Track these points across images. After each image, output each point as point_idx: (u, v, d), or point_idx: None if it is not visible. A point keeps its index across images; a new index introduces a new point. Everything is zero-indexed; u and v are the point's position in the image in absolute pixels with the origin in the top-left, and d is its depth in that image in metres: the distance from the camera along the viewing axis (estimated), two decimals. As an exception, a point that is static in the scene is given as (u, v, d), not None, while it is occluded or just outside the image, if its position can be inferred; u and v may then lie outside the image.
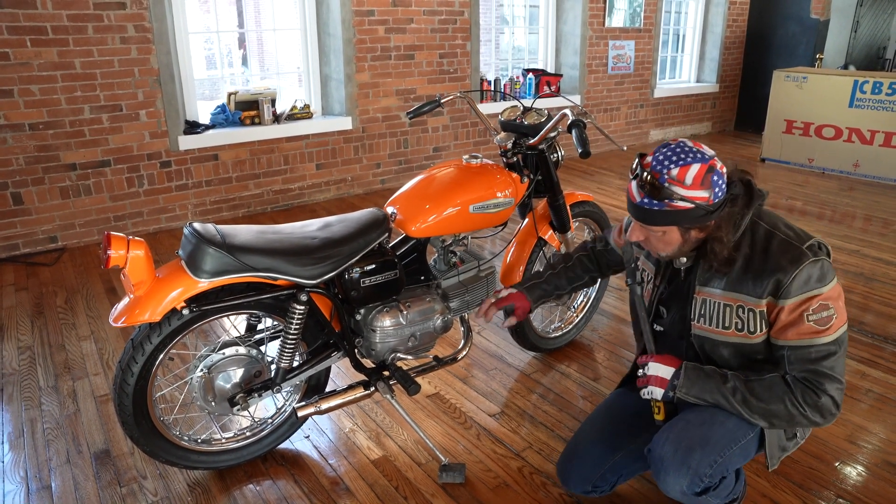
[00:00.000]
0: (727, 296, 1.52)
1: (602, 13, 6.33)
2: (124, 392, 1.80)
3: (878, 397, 2.47)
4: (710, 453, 1.51)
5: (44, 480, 2.03)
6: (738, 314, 1.51)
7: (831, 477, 2.04)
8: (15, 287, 3.47)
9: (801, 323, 1.44)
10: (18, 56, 3.62)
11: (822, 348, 1.44)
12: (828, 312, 1.44)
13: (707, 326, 1.56)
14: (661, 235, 1.50)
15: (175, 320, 1.78)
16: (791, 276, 1.43)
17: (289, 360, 1.95)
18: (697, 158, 1.41)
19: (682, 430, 1.54)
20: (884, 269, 3.74)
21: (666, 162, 1.42)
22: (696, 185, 1.40)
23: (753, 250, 1.49)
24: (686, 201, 1.41)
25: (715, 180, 1.41)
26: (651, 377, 1.59)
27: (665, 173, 1.41)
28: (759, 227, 1.51)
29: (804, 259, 1.43)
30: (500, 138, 2.33)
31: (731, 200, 1.46)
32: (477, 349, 2.82)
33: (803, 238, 1.48)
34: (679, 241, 1.50)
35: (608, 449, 1.74)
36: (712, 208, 1.43)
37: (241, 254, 1.74)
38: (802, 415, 1.45)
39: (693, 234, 1.48)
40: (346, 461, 2.12)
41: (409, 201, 2.11)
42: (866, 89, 5.72)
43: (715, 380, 1.53)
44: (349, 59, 4.83)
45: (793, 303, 1.44)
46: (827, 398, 1.45)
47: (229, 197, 4.59)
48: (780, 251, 1.46)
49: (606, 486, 1.78)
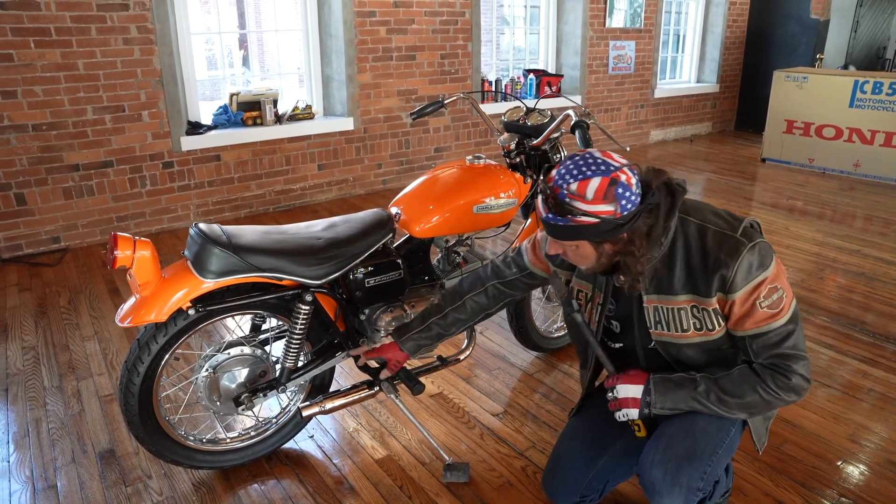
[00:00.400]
0: (678, 299, 1.49)
1: (602, 14, 6.34)
2: (130, 392, 1.81)
3: (880, 397, 2.48)
4: (699, 465, 1.50)
5: (49, 480, 2.04)
6: (693, 314, 1.49)
7: (834, 476, 2.04)
8: (18, 287, 3.48)
9: (755, 312, 1.43)
10: (22, 57, 3.63)
11: (781, 330, 1.44)
12: (777, 294, 1.43)
13: (666, 332, 1.53)
14: (575, 249, 1.46)
15: (181, 320, 1.79)
16: (733, 269, 1.41)
17: (294, 360, 1.96)
18: (599, 171, 1.35)
19: (667, 449, 1.52)
20: (885, 268, 3.75)
21: (567, 177, 1.37)
22: (599, 199, 1.34)
23: (690, 249, 1.46)
24: (589, 216, 1.35)
25: (620, 193, 1.35)
26: (622, 400, 1.56)
27: (565, 188, 1.36)
28: (689, 224, 1.48)
29: (741, 248, 1.42)
30: (503, 139, 2.34)
31: (651, 210, 1.41)
32: (480, 349, 2.83)
33: (734, 225, 1.45)
34: (594, 254, 1.45)
35: (589, 456, 1.72)
36: (621, 221, 1.37)
37: (247, 254, 1.75)
38: (778, 398, 1.46)
39: (606, 247, 1.43)
40: (351, 461, 2.13)
41: (412, 202, 2.12)
42: (867, 89, 5.73)
43: (686, 387, 1.51)
44: (351, 60, 4.84)
45: (742, 294, 1.43)
46: (797, 377, 1.45)
47: (231, 197, 4.60)
48: (716, 245, 1.44)
49: (595, 494, 1.75)
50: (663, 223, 1.43)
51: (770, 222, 4.60)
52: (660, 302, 1.52)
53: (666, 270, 1.49)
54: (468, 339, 2.35)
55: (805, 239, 4.25)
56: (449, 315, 1.86)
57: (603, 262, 1.47)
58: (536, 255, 1.77)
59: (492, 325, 3.05)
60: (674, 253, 1.47)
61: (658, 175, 1.44)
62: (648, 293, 1.52)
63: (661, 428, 1.59)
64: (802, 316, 3.14)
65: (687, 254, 1.47)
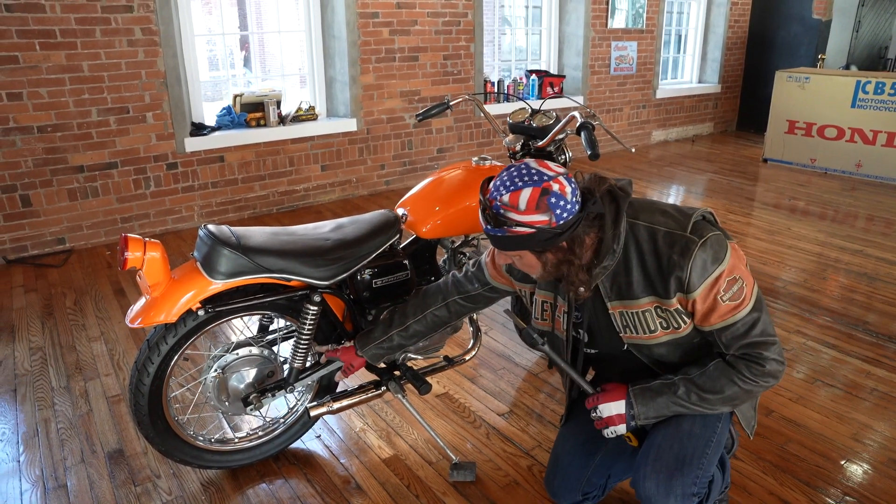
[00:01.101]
0: (640, 302, 1.49)
1: (604, 14, 6.35)
2: (140, 392, 1.82)
3: (883, 396, 2.49)
4: (690, 471, 1.50)
5: (59, 480, 2.06)
6: (658, 314, 1.49)
7: (838, 475, 2.06)
8: (24, 288, 3.49)
9: (717, 306, 1.43)
10: (27, 59, 3.65)
11: (747, 319, 1.44)
12: (737, 285, 1.43)
13: (635, 335, 1.54)
14: (519, 259, 1.46)
15: (190, 321, 1.81)
16: (687, 270, 1.41)
17: (302, 361, 1.97)
18: (532, 182, 1.34)
19: (656, 460, 1.52)
20: (887, 268, 3.76)
21: (501, 188, 1.37)
22: (531, 209, 1.34)
23: (642, 253, 1.46)
24: (524, 226, 1.35)
25: (553, 202, 1.34)
26: (607, 419, 1.56)
27: (498, 199, 1.36)
28: (638, 227, 1.47)
29: (692, 246, 1.41)
30: (508, 140, 2.35)
31: (594, 218, 1.41)
32: (484, 349, 2.84)
33: (683, 222, 1.44)
34: (537, 263, 1.45)
35: (586, 455, 1.74)
36: (558, 230, 1.36)
37: (256, 255, 1.76)
38: (757, 386, 1.46)
39: (549, 256, 1.43)
40: (358, 460, 2.14)
41: (419, 203, 2.13)
42: (869, 89, 5.74)
43: (666, 394, 1.51)
44: (354, 61, 4.85)
45: (702, 291, 1.42)
46: (771, 363, 1.45)
47: (235, 198, 4.62)
48: (667, 246, 1.43)
49: (597, 490, 1.78)
50: (612, 231, 1.43)
51: (772, 222, 4.61)
52: (623, 307, 1.52)
53: (624, 276, 1.48)
54: (474, 340, 2.36)
55: (807, 239, 4.26)
56: (410, 328, 1.87)
57: (550, 271, 1.46)
58: (497, 269, 1.76)
59: (496, 325, 3.06)
60: (628, 258, 1.47)
61: (600, 183, 1.44)
62: (611, 300, 1.52)
63: (648, 438, 1.60)
64: (805, 316, 3.15)
65: (641, 257, 1.47)
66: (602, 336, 1.61)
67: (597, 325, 1.60)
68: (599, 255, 1.45)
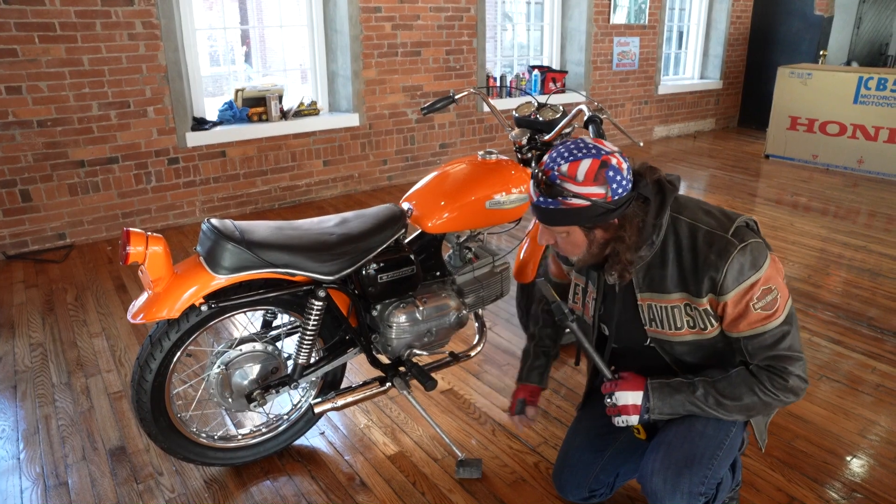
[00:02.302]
0: (670, 298, 1.48)
1: (607, 10, 6.32)
2: (142, 389, 1.80)
3: (888, 391, 2.48)
4: (699, 470, 1.49)
5: (60, 477, 2.04)
6: (686, 312, 1.48)
7: (844, 471, 2.04)
8: (25, 284, 3.47)
9: (748, 313, 1.41)
10: (27, 53, 3.62)
11: (776, 331, 1.42)
12: (772, 296, 1.41)
13: (660, 329, 1.52)
14: (566, 237, 1.44)
15: (193, 317, 1.79)
16: (723, 271, 1.39)
17: (306, 357, 1.95)
18: (591, 154, 1.35)
19: (666, 457, 1.51)
20: (889, 264, 3.75)
21: (558, 159, 1.37)
22: (589, 181, 1.34)
23: (680, 249, 1.44)
24: (580, 198, 1.35)
25: (611, 176, 1.34)
26: (621, 407, 1.54)
27: (556, 170, 1.36)
28: (681, 222, 1.46)
29: (731, 249, 1.39)
30: (514, 134, 2.33)
31: (641, 201, 1.40)
32: (489, 345, 2.83)
33: (726, 224, 1.43)
34: (584, 241, 1.44)
35: (595, 452, 1.73)
36: (612, 206, 1.36)
37: (260, 250, 1.74)
38: (776, 399, 1.45)
39: (598, 233, 1.42)
40: (362, 457, 2.13)
41: (424, 197, 2.11)
42: (871, 86, 5.72)
43: (684, 392, 1.50)
44: (356, 56, 4.83)
45: (734, 296, 1.40)
46: (794, 378, 1.43)
47: (237, 193, 4.59)
48: (707, 245, 1.41)
49: (604, 488, 1.77)
50: (653, 220, 1.42)
51: (774, 218, 4.59)
52: (653, 300, 1.51)
53: (658, 269, 1.47)
54: (479, 335, 2.35)
55: (810, 235, 4.25)
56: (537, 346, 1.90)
57: (594, 252, 1.46)
58: (557, 265, 1.79)
59: (500, 321, 3.04)
60: (665, 251, 1.46)
61: (651, 171, 1.43)
62: (642, 291, 1.51)
63: (659, 434, 1.59)
64: (808, 311, 3.14)
65: (678, 253, 1.45)
66: (626, 329, 1.59)
67: (623, 317, 1.59)
68: (638, 244, 1.43)
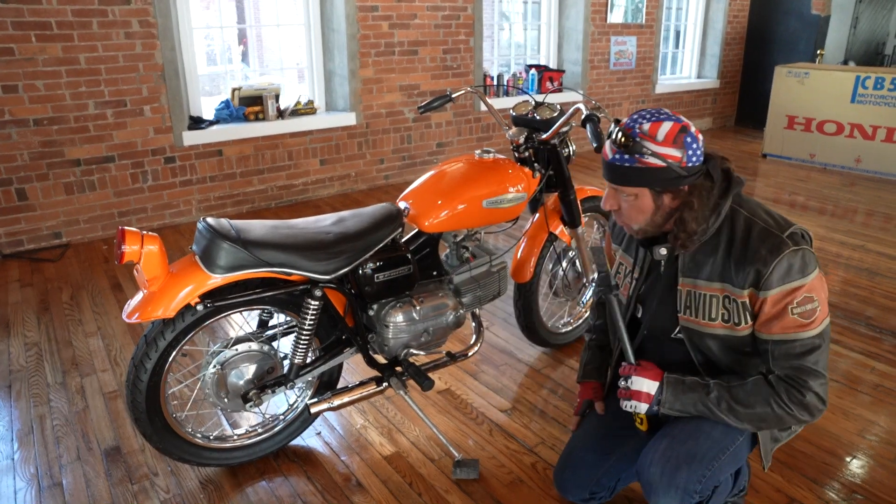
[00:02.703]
0: (711, 286, 1.47)
1: (604, 9, 6.31)
2: (137, 389, 1.79)
3: (887, 391, 2.47)
4: (697, 469, 1.47)
5: (54, 477, 2.03)
6: (723, 305, 1.47)
7: (845, 472, 2.04)
8: (20, 283, 3.45)
9: (784, 316, 1.40)
10: (23, 51, 3.60)
11: (807, 342, 1.41)
12: (812, 305, 1.40)
13: (693, 318, 1.51)
14: (632, 201, 1.45)
15: (189, 316, 1.78)
16: (771, 267, 1.39)
17: (302, 356, 1.94)
18: (672, 118, 1.39)
19: (667, 449, 1.50)
20: (887, 263, 3.75)
21: (640, 119, 1.41)
22: (668, 142, 1.37)
23: (733, 239, 1.44)
24: (657, 158, 1.37)
25: (688, 142, 1.38)
26: (634, 392, 1.54)
27: (637, 128, 1.39)
28: (739, 214, 1.46)
29: (784, 248, 1.39)
30: (512, 133, 2.32)
31: (708, 177, 1.42)
32: (486, 345, 2.82)
33: (783, 226, 1.43)
34: (651, 207, 1.44)
35: (601, 454, 1.72)
36: (685, 172, 1.39)
37: (256, 249, 1.73)
38: (790, 415, 1.42)
39: (666, 200, 1.43)
40: (359, 457, 2.12)
41: (421, 196, 2.10)
42: (868, 85, 5.72)
43: (698, 392, 1.49)
44: (353, 55, 4.81)
45: (775, 294, 1.40)
46: (812, 395, 1.41)
47: (233, 193, 4.58)
48: (760, 240, 1.41)
49: (605, 492, 1.76)
50: (715, 200, 1.43)
51: (773, 218, 4.59)
52: (693, 287, 1.51)
53: (706, 255, 1.48)
54: (476, 335, 2.34)
55: (808, 235, 4.24)
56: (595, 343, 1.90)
57: (657, 221, 1.47)
58: (608, 245, 1.81)
59: (498, 321, 3.03)
60: (718, 239, 1.46)
61: (722, 159, 1.46)
62: (685, 276, 1.52)
63: (665, 427, 1.58)
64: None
65: (730, 243, 1.45)
66: (660, 314, 1.59)
67: (659, 301, 1.59)
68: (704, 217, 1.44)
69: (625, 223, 1.53)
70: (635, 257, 1.64)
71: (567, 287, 2.65)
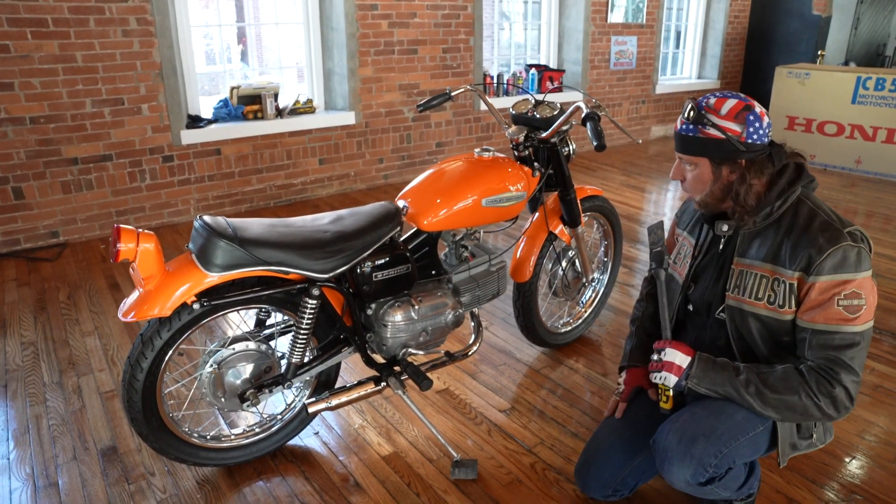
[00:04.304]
0: (764, 267, 1.53)
1: (604, 9, 6.30)
2: (133, 388, 1.77)
3: (887, 392, 2.46)
4: (715, 443, 1.50)
5: (50, 477, 2.01)
6: (772, 287, 1.51)
7: (844, 473, 2.03)
8: (17, 282, 3.43)
9: (830, 306, 1.43)
10: (19, 49, 3.58)
11: (848, 336, 1.43)
12: (859, 301, 1.42)
13: (741, 297, 1.57)
14: (694, 171, 1.54)
15: (185, 315, 1.76)
16: (825, 254, 1.42)
17: (300, 356, 1.93)
18: (738, 97, 1.49)
19: (688, 421, 1.54)
20: (887, 264, 3.74)
21: (710, 96, 1.52)
22: (730, 116, 1.47)
23: (794, 225, 1.50)
24: (717, 130, 1.47)
25: (751, 119, 1.46)
26: (666, 363, 1.59)
27: (704, 102, 1.51)
28: (805, 205, 1.52)
29: (841, 240, 1.43)
30: (511, 132, 2.31)
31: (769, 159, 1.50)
32: (485, 345, 2.80)
33: (845, 223, 1.49)
34: (710, 177, 1.52)
35: (627, 453, 1.73)
36: (743, 147, 1.47)
37: (253, 247, 1.72)
38: (816, 405, 1.44)
39: (724, 172, 1.51)
40: (357, 457, 2.10)
41: (420, 195, 2.09)
42: (869, 86, 5.71)
43: (728, 372, 1.53)
44: (352, 54, 4.80)
45: (825, 282, 1.43)
46: (841, 389, 1.43)
47: (232, 192, 4.56)
48: (820, 229, 1.46)
49: (626, 490, 1.78)
50: (784, 185, 1.50)
51: (773, 218, 4.58)
52: (746, 266, 1.56)
53: (765, 238, 1.54)
54: (475, 335, 2.32)
55: (809, 235, 4.23)
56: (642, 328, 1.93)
57: (715, 193, 1.54)
58: (672, 232, 1.88)
59: (497, 321, 3.02)
60: (780, 225, 1.52)
61: (795, 154, 1.56)
62: (741, 256, 1.57)
63: (689, 406, 1.61)
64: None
65: (790, 229, 1.50)
66: (710, 289, 1.65)
67: (710, 279, 1.65)
68: (763, 197, 1.51)
69: (689, 194, 1.63)
70: (698, 237, 1.71)
71: (567, 287, 2.64)
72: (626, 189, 5.33)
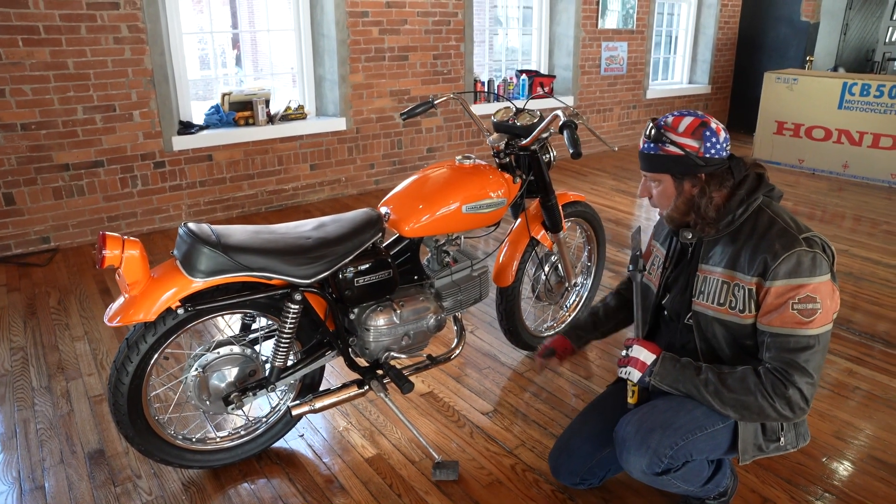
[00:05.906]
0: (725, 273, 1.58)
1: (595, 15, 6.36)
2: (119, 392, 1.80)
3: (866, 394, 2.50)
4: (672, 436, 1.57)
5: (37, 481, 2.04)
6: (732, 292, 1.56)
7: (819, 472, 2.07)
8: (7, 288, 3.46)
9: (785, 310, 1.48)
10: (10, 56, 3.61)
11: (802, 339, 1.48)
12: (813, 305, 1.47)
13: (705, 302, 1.62)
14: (658, 187, 1.61)
15: (170, 320, 1.79)
16: (779, 259, 1.48)
17: (283, 359, 1.96)
18: (695, 115, 1.56)
19: (647, 414, 1.62)
20: (872, 268, 3.79)
21: (669, 115, 1.59)
22: (687, 133, 1.53)
23: (753, 232, 1.55)
24: (676, 147, 1.53)
25: (707, 135, 1.52)
26: (633, 359, 1.66)
27: (663, 121, 1.57)
28: (764, 213, 1.57)
29: (796, 246, 1.48)
30: (492, 139, 2.35)
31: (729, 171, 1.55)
32: (470, 348, 2.84)
33: (803, 229, 1.53)
34: (673, 192, 1.59)
35: (596, 445, 1.81)
36: (702, 161, 1.52)
37: (236, 253, 1.75)
38: (772, 406, 1.49)
39: (686, 186, 1.57)
40: (341, 459, 2.13)
41: (402, 201, 2.13)
42: (855, 91, 5.78)
43: (689, 371, 1.59)
44: (343, 60, 4.84)
45: (780, 287, 1.48)
46: (795, 391, 1.48)
47: (223, 197, 4.59)
48: (777, 235, 1.51)
49: (595, 479, 1.87)
50: (744, 194, 1.55)
51: (760, 222, 4.62)
52: (709, 273, 1.61)
53: (725, 245, 1.59)
54: (457, 339, 2.36)
55: (794, 239, 4.28)
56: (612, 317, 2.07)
57: (679, 207, 1.60)
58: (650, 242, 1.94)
59: (482, 325, 3.06)
60: (741, 233, 1.57)
61: (756, 165, 1.61)
62: (704, 262, 1.63)
63: (652, 400, 1.68)
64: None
65: (750, 236, 1.55)
66: (680, 297, 1.71)
67: (680, 287, 1.72)
68: (722, 208, 1.57)
69: (658, 209, 1.69)
70: (668, 248, 1.77)
71: (550, 291, 2.68)
72: (616, 194, 5.38)
